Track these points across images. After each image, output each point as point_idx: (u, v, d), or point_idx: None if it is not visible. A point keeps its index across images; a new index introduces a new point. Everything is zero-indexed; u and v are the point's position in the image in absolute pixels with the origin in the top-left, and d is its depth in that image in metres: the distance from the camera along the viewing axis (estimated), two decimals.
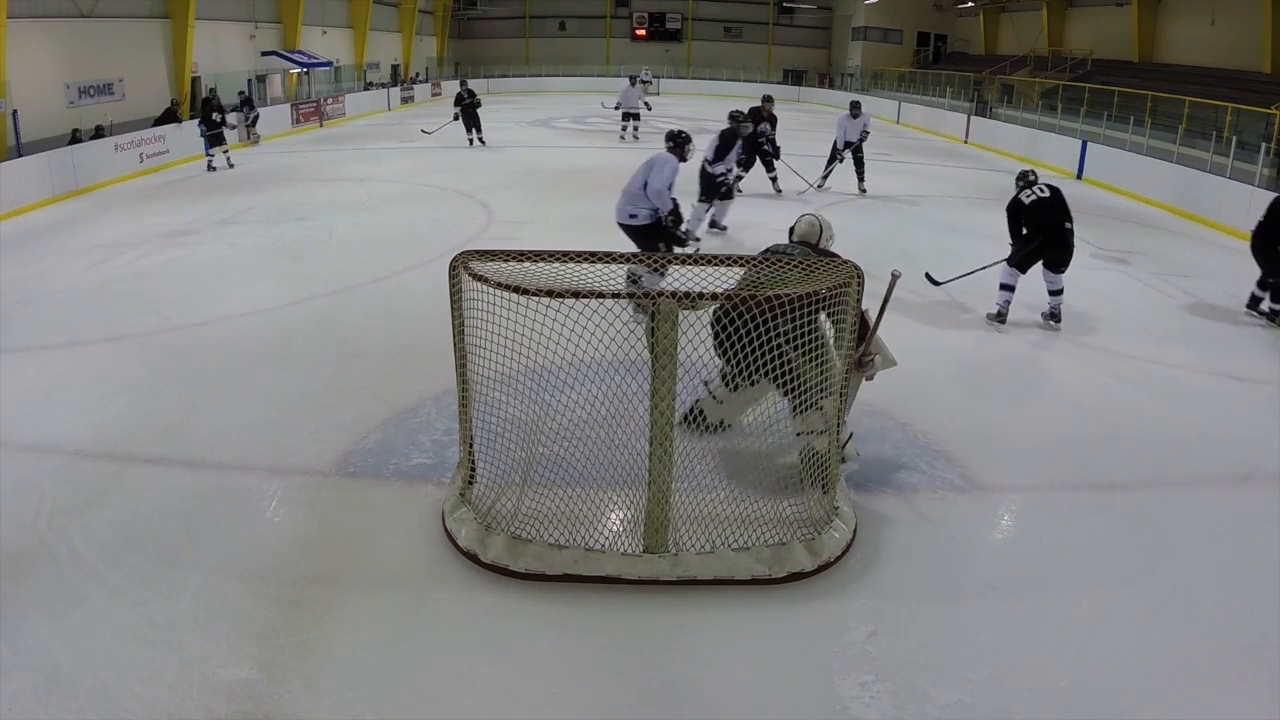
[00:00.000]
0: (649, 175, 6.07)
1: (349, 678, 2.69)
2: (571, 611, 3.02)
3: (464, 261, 3.15)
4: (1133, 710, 2.63)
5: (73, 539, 3.35)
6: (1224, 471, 4.22)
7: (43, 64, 14.27)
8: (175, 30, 17.78)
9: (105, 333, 5.81)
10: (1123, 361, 5.71)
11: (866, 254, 7.68)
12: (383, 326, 5.97)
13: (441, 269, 3.30)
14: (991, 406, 4.88)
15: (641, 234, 6.22)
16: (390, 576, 3.21)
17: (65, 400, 4.68)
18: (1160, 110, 16.33)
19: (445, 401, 4.52)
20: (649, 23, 37.80)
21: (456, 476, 3.62)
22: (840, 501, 3.52)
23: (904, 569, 3.31)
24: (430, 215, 9.86)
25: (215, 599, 3.02)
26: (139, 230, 9.00)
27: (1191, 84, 17.62)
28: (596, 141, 17.40)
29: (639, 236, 6.24)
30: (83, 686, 2.60)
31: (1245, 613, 3.11)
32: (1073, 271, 8.06)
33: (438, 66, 35.14)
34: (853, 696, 2.66)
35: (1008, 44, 29.02)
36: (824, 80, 35.10)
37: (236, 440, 4.23)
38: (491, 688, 2.67)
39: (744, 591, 3.13)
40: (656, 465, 3.10)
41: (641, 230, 6.21)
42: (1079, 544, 3.53)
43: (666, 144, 6.33)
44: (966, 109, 21.60)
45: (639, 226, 6.20)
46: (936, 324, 6.36)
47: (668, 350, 2.98)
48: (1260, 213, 6.92)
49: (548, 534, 3.23)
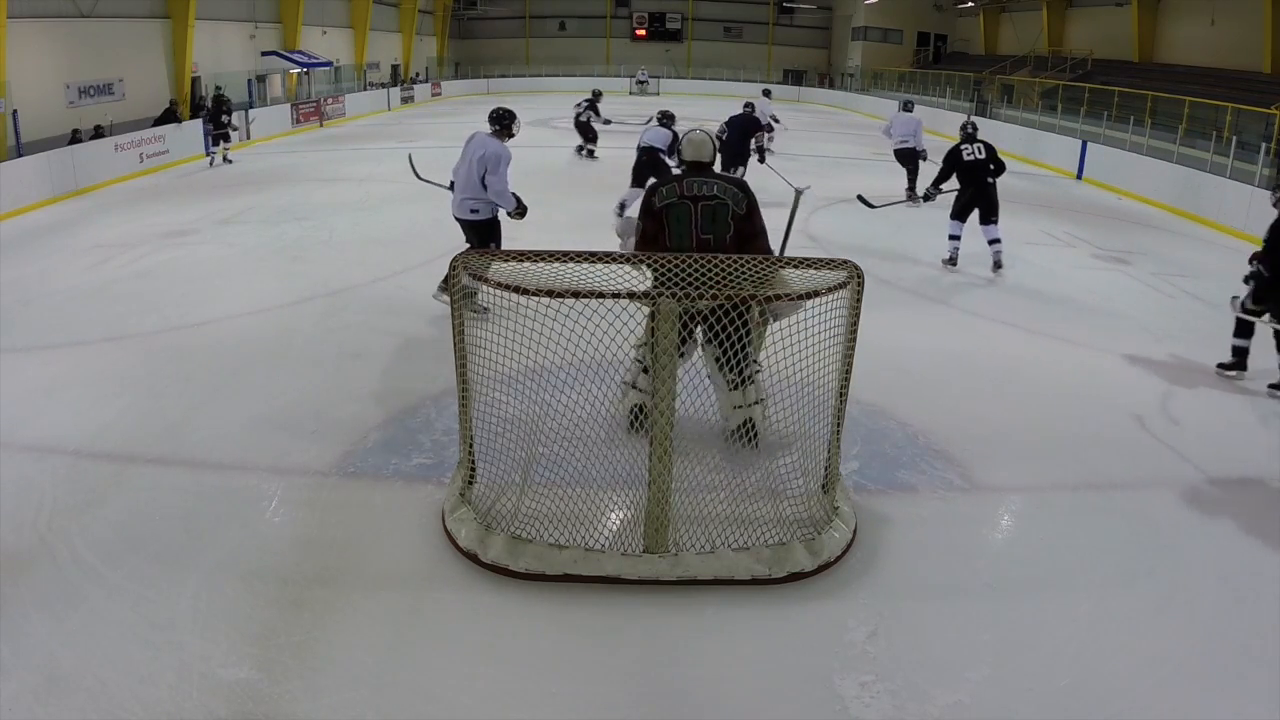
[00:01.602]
0: (485, 174, 5.62)
1: (349, 678, 2.69)
2: (571, 611, 3.02)
3: (464, 261, 3.15)
4: (1133, 710, 2.63)
5: (73, 539, 3.35)
6: (1224, 471, 4.22)
7: (43, 64, 14.26)
8: (175, 30, 17.77)
9: (105, 333, 5.81)
10: (1123, 361, 5.71)
11: (866, 254, 7.68)
12: (383, 326, 5.97)
13: (441, 269, 3.31)
14: (991, 406, 4.88)
15: (480, 230, 5.86)
16: (390, 576, 3.21)
17: (65, 400, 4.68)
18: (1160, 110, 16.32)
19: (445, 401, 4.52)
20: (649, 23, 37.81)
21: (456, 476, 3.61)
22: (840, 501, 3.52)
23: (904, 569, 3.31)
24: (430, 215, 9.84)
25: (215, 599, 3.02)
26: (139, 230, 9.00)
27: (1191, 84, 17.62)
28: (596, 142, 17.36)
29: (476, 233, 5.87)
30: (83, 686, 2.60)
31: (1245, 613, 3.11)
32: (1073, 271, 8.10)
33: (438, 66, 35.15)
34: (853, 696, 2.66)
35: (1008, 44, 29.03)
36: (824, 80, 35.10)
37: (236, 440, 4.23)
38: (491, 688, 2.67)
39: (744, 591, 3.13)
40: (656, 465, 3.10)
41: (480, 226, 5.85)
42: (1079, 544, 3.53)
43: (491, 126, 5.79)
44: (967, 109, 21.60)
45: (479, 223, 5.82)
46: (936, 324, 6.36)
47: (667, 350, 2.98)
48: (1261, 212, 6.89)
49: (548, 534, 3.22)
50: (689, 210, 3.83)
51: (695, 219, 3.81)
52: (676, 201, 3.84)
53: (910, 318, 6.43)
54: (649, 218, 3.90)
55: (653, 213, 3.88)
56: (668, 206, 3.85)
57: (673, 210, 3.84)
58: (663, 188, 3.94)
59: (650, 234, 3.89)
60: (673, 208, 3.84)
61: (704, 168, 4.07)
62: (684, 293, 2.91)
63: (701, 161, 4.07)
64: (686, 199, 3.84)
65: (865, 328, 3.37)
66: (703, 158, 4.08)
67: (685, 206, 3.83)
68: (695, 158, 4.08)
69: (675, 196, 3.86)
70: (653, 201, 3.90)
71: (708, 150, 4.10)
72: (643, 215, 3.95)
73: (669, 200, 3.86)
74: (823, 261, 3.23)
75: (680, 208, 3.83)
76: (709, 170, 4.07)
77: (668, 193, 3.89)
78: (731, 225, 3.83)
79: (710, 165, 4.11)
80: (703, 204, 3.83)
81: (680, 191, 3.87)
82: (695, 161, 4.07)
